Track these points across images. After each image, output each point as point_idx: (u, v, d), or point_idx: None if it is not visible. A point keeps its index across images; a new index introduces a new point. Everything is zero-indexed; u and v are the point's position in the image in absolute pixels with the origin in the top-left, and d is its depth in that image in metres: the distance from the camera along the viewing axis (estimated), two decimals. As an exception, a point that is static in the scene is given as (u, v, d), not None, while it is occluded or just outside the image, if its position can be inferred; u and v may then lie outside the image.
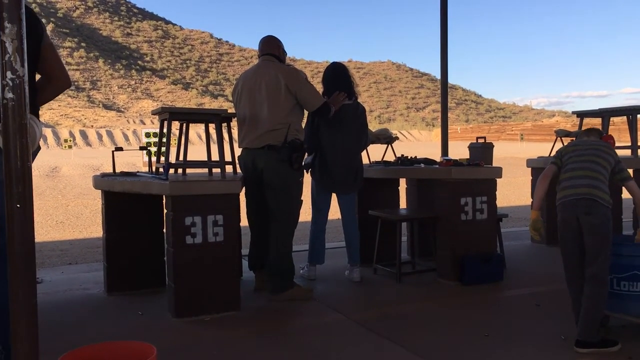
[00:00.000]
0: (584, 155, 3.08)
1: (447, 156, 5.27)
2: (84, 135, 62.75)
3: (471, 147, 5.72)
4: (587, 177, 2.99)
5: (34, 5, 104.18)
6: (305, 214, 4.15)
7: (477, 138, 5.76)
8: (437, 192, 4.50)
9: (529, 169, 6.15)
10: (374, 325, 3.38)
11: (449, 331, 3.29)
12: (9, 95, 1.41)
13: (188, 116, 4.14)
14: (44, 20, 3.06)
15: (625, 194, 3.95)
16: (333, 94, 4.25)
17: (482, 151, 5.51)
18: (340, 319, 3.56)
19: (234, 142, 4.25)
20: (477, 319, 3.50)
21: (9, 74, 1.41)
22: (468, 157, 5.27)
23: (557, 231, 3.12)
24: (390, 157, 5.24)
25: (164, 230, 3.92)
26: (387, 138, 5.23)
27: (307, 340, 3.21)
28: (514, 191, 12.74)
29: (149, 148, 4.71)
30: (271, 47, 4.11)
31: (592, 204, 2.92)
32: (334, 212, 4.65)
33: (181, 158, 4.31)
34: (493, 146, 5.70)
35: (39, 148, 2.78)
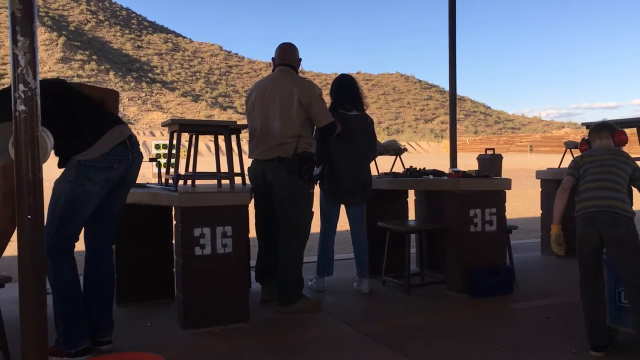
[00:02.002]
0: (603, 167, 3.05)
1: (456, 167, 5.25)
2: (94, 147, 62.91)
3: (480, 159, 5.71)
4: (607, 188, 2.96)
5: (46, 19, 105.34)
6: (314, 225, 4.14)
7: (486, 149, 5.76)
8: (446, 203, 4.49)
9: (539, 180, 6.13)
10: (382, 338, 3.36)
11: (458, 344, 3.27)
12: (21, 107, 1.43)
13: (197, 128, 4.17)
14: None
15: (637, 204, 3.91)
16: (340, 105, 4.26)
17: (491, 162, 5.50)
18: (349, 330, 3.54)
19: (243, 153, 4.26)
20: (487, 332, 3.47)
21: (21, 87, 1.43)
22: (477, 168, 5.26)
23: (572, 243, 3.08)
24: (399, 168, 5.24)
25: (173, 241, 3.93)
26: (395, 149, 5.23)
27: (315, 352, 3.20)
28: (524, 203, 12.66)
29: (158, 159, 4.74)
30: (287, 57, 4.06)
31: (615, 217, 2.89)
32: (343, 223, 4.65)
33: (190, 169, 4.33)
34: (502, 157, 5.69)
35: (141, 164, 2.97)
